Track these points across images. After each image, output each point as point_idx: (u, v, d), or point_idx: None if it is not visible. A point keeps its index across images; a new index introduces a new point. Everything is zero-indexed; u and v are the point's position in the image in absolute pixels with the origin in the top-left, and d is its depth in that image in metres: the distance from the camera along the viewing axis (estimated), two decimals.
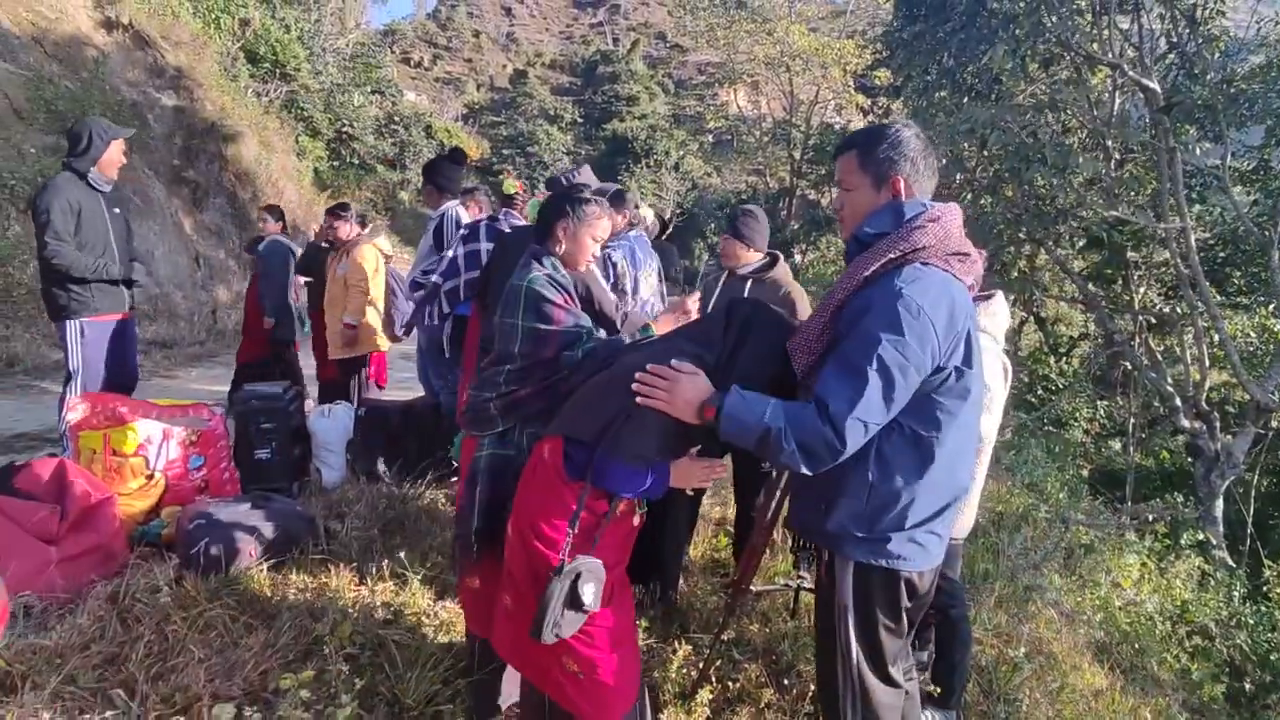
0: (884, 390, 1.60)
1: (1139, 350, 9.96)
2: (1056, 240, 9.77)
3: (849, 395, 1.60)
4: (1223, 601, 5.73)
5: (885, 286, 1.65)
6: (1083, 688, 3.46)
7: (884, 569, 1.76)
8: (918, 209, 1.74)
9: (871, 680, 1.83)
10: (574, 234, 2.25)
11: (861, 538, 1.75)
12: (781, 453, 1.64)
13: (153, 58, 10.71)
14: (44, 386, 5.98)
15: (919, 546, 1.76)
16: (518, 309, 2.09)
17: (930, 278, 1.66)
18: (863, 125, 20.53)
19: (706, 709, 2.46)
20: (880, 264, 1.68)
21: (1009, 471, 6.84)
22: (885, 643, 1.82)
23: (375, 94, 23.55)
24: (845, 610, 1.81)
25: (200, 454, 3.34)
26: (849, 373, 1.63)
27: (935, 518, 1.77)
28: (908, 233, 1.69)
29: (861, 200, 1.81)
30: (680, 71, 44.96)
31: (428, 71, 44.69)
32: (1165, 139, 7.81)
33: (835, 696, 1.87)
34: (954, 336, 1.67)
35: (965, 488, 1.83)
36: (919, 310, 1.60)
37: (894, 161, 1.76)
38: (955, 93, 10.03)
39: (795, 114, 23.69)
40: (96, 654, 2.31)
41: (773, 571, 3.48)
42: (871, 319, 1.63)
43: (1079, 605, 4.73)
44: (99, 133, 3.73)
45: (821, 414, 1.62)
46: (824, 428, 1.61)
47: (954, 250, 1.72)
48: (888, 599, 1.79)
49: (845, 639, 1.82)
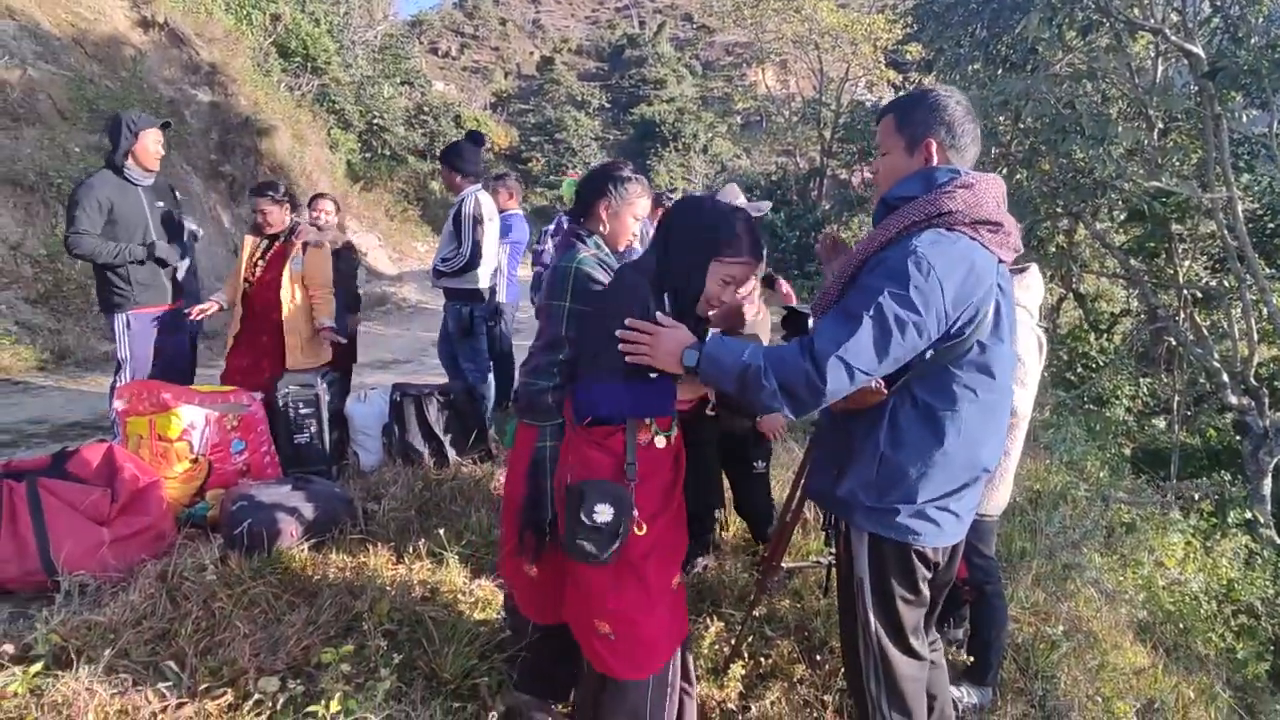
0: (876, 338, 1.56)
1: (1184, 325, 9.67)
2: (1095, 213, 9.52)
3: (837, 336, 1.57)
4: (1269, 580, 5.58)
5: (901, 245, 1.63)
6: (1123, 666, 3.40)
7: (895, 542, 1.74)
8: (949, 175, 1.70)
9: (892, 652, 1.83)
10: (616, 212, 2.22)
11: (870, 507, 1.74)
12: (761, 391, 1.61)
13: (188, 55, 10.92)
14: (94, 378, 6.18)
15: (930, 523, 1.73)
16: (565, 291, 2.03)
17: (950, 242, 1.62)
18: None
19: (739, 684, 2.48)
20: (903, 226, 1.65)
21: (1047, 450, 6.71)
22: (904, 614, 1.81)
23: (404, 85, 23.74)
24: (861, 583, 1.81)
25: (241, 438, 3.44)
26: (844, 317, 1.60)
27: (950, 495, 1.73)
28: (935, 198, 1.66)
29: (895, 163, 1.79)
30: (708, 53, 44.52)
31: (455, 61, 44.88)
32: (1210, 106, 7.54)
33: (858, 668, 1.88)
34: (969, 306, 1.62)
35: (986, 469, 1.78)
36: (929, 270, 1.57)
37: (929, 125, 1.74)
38: (989, 65, 9.78)
39: (825, 92, 23.31)
40: (148, 629, 2.41)
41: (805, 549, 3.48)
42: (879, 273, 1.62)
43: (1120, 584, 4.64)
44: (129, 124, 3.76)
45: (805, 351, 1.59)
46: (805, 363, 1.58)
47: (983, 219, 1.66)
48: (902, 571, 1.78)
49: (863, 611, 1.82)
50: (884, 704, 1.84)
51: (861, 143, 15.95)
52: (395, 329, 9.82)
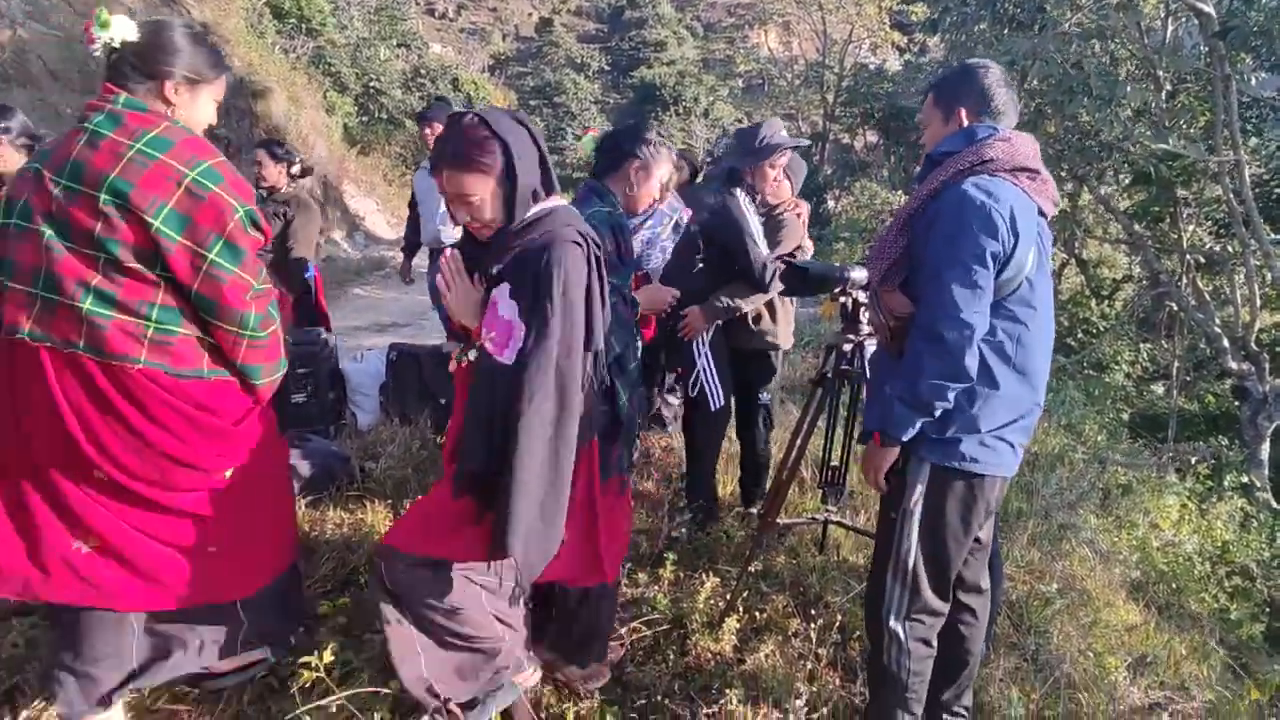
0: (963, 280, 1.70)
1: (1186, 291, 9.62)
2: (1100, 176, 9.41)
3: (933, 301, 1.73)
4: (1265, 542, 5.63)
5: (951, 193, 1.78)
6: (1116, 623, 3.44)
7: (958, 471, 1.82)
8: (989, 131, 1.86)
9: (925, 586, 1.89)
10: (645, 177, 2.18)
11: (934, 439, 1.81)
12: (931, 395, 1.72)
13: (179, 14, 10.70)
14: None
15: (990, 450, 1.82)
16: None
17: (995, 183, 1.76)
18: (898, 64, 19.82)
19: (733, 637, 2.50)
20: (949, 174, 1.80)
21: (1046, 413, 6.72)
22: (950, 549, 1.88)
23: (401, 47, 23.31)
24: (909, 514, 1.87)
25: None
26: (930, 279, 1.76)
27: (1008, 425, 1.83)
28: (977, 148, 1.82)
29: (935, 132, 2.00)
30: (709, 14, 43.71)
31: (452, 22, 44.08)
32: (1220, 67, 7.41)
33: (880, 601, 1.93)
34: (1019, 236, 1.73)
35: (1039, 401, 1.89)
36: (983, 203, 1.72)
37: (960, 96, 1.91)
38: (995, 24, 9.55)
39: (828, 55, 22.93)
40: None
41: (801, 507, 3.49)
42: (941, 223, 1.76)
43: (1115, 545, 4.68)
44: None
45: (920, 333, 1.75)
46: (926, 344, 1.72)
47: (1022, 165, 1.81)
48: (960, 504, 1.85)
49: (906, 542, 1.88)
50: (901, 633, 1.91)
51: (865, 105, 15.69)
52: (393, 292, 9.77)
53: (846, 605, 2.76)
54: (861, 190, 20.12)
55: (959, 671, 2.05)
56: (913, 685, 1.94)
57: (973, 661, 2.07)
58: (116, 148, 1.64)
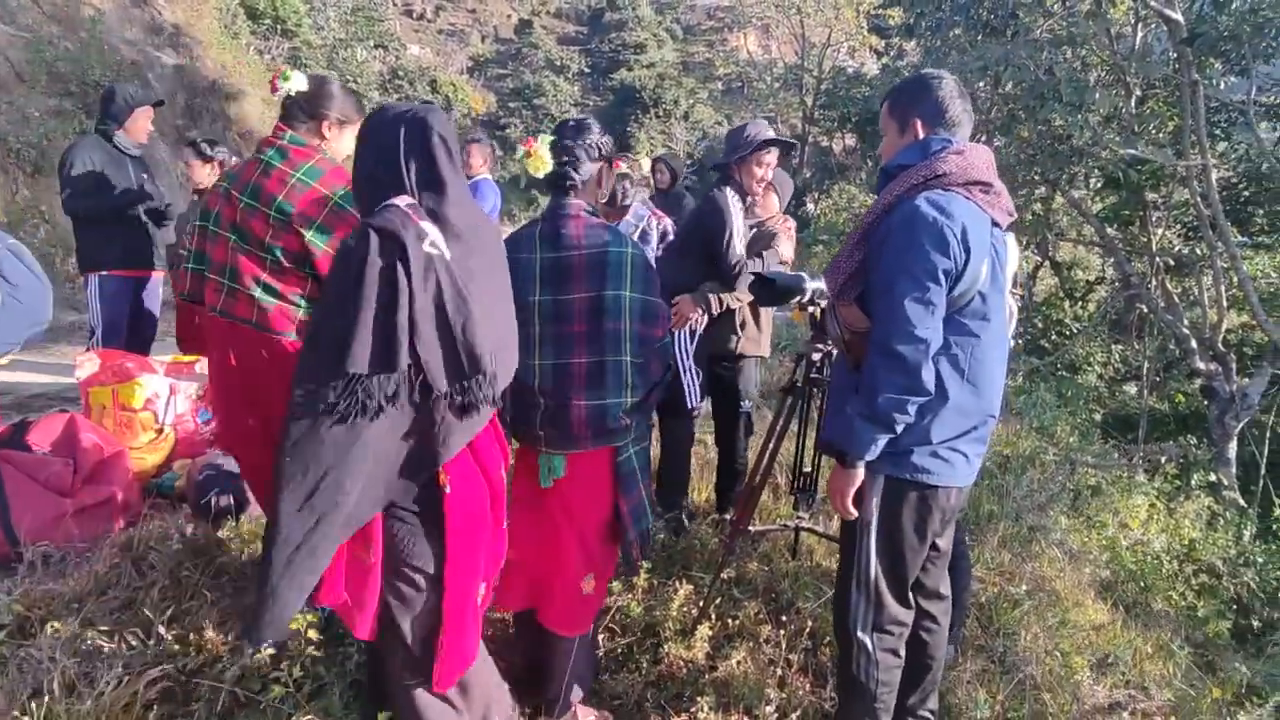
0: (917, 297, 1.71)
1: (1156, 292, 9.79)
2: (1072, 181, 9.55)
3: (887, 317, 1.75)
4: (1231, 540, 5.73)
5: (904, 208, 1.79)
6: (1083, 623, 3.50)
7: (911, 482, 1.85)
8: (942, 144, 1.87)
9: (887, 596, 1.92)
10: (609, 181, 2.15)
11: (888, 452, 1.83)
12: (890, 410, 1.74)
13: (150, 15, 10.59)
14: (59, 348, 6.06)
15: (944, 462, 1.85)
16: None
17: (948, 198, 1.78)
18: (876, 67, 19.98)
19: (706, 644, 2.52)
20: (903, 189, 1.81)
21: (1018, 416, 6.81)
22: (907, 558, 1.91)
23: (378, 49, 23.20)
24: (868, 526, 1.90)
25: (208, 407, 3.40)
26: (881, 293, 1.78)
27: (961, 437, 1.86)
28: (930, 162, 1.83)
29: (891, 143, 2.00)
30: (688, 16, 43.75)
31: (430, 24, 43.82)
32: (1188, 73, 7.54)
33: (847, 610, 1.96)
34: (971, 251, 1.75)
35: (993, 413, 1.92)
36: (934, 219, 1.73)
37: (912, 106, 1.93)
38: (970, 29, 9.69)
39: (807, 58, 23.07)
40: (112, 599, 2.40)
41: (774, 513, 3.52)
42: (893, 238, 1.77)
43: (1085, 545, 4.75)
44: (125, 97, 3.89)
45: (875, 350, 1.76)
46: (882, 359, 1.74)
47: (975, 179, 1.83)
48: (915, 514, 1.88)
49: (866, 555, 1.91)
50: (869, 644, 1.94)
51: (843, 109, 15.82)
52: None
53: (818, 611, 2.78)
54: (840, 193, 20.29)
55: (923, 676, 2.09)
56: (880, 695, 1.97)
57: (935, 666, 2.10)
58: (284, 176, 2.14)
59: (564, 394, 1.98)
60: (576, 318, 1.96)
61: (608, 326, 1.95)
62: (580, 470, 2.04)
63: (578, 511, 2.07)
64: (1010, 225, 1.98)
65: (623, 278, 1.95)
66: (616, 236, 2.00)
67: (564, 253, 1.97)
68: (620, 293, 1.94)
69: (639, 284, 1.97)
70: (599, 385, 1.97)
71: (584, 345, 1.97)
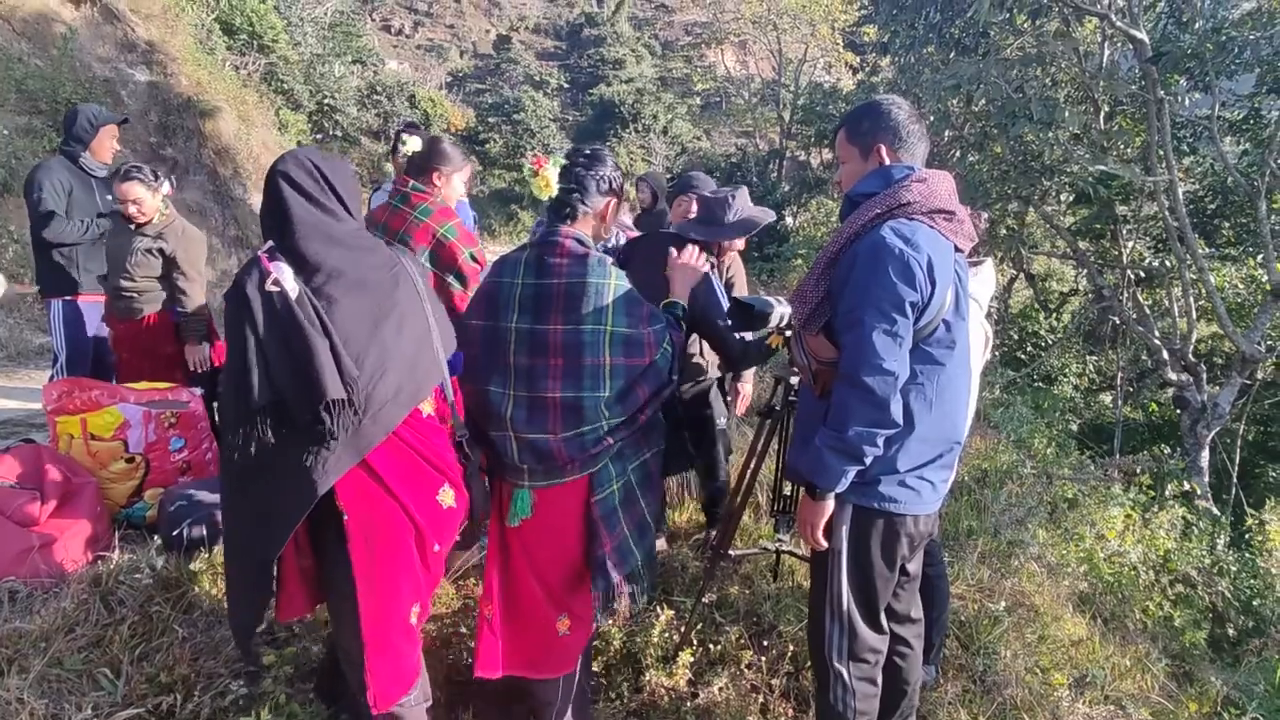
0: (886, 330, 1.71)
1: (1127, 304, 9.96)
2: (1044, 196, 9.70)
3: (856, 351, 1.73)
4: (1205, 550, 5.81)
5: (869, 239, 1.78)
6: (1062, 638, 3.52)
7: (878, 512, 1.85)
8: (905, 171, 1.87)
9: (860, 625, 1.92)
10: (616, 213, 2.10)
11: (855, 481, 1.83)
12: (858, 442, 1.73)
13: (123, 32, 10.46)
14: (26, 373, 5.95)
15: (911, 490, 1.85)
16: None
17: (913, 228, 1.77)
18: (852, 83, 20.25)
19: (687, 671, 2.50)
20: (868, 219, 1.81)
21: (995, 429, 6.88)
22: (878, 586, 1.91)
23: (356, 64, 23.06)
24: (838, 554, 1.89)
25: (181, 436, 3.34)
26: (848, 325, 1.76)
27: (927, 465, 1.86)
28: (894, 191, 1.82)
29: (853, 169, 1.98)
30: (667, 33, 44.12)
31: (409, 39, 43.80)
32: (1154, 90, 7.72)
33: (822, 638, 1.96)
34: (937, 282, 1.75)
35: (958, 439, 1.92)
36: (900, 251, 1.73)
37: (875, 132, 1.92)
38: (942, 48, 9.84)
39: (784, 74, 23.34)
40: (81, 636, 2.34)
41: (755, 535, 3.52)
42: (859, 271, 1.76)
43: (1063, 558, 4.79)
44: (89, 118, 3.83)
45: (845, 383, 1.75)
46: (854, 394, 1.73)
47: (938, 207, 1.83)
48: (882, 543, 1.88)
49: (836, 583, 1.91)
50: (845, 674, 1.93)
51: (820, 124, 15.99)
52: None
53: (800, 634, 2.78)
54: (818, 207, 20.46)
55: (899, 701, 2.09)
56: None
57: (911, 691, 2.10)
58: (405, 215, 2.80)
59: (539, 426, 1.92)
60: (552, 350, 1.91)
61: (585, 362, 1.90)
62: (546, 510, 1.98)
63: (537, 553, 2.01)
64: (985, 239, 2.00)
65: (602, 311, 1.90)
66: (599, 268, 1.93)
67: (545, 280, 1.93)
68: (599, 327, 1.90)
69: (620, 317, 1.91)
70: (575, 422, 1.92)
71: (559, 380, 1.91)
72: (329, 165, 1.80)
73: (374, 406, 1.66)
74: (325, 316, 1.63)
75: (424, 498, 1.77)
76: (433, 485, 1.80)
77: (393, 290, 1.76)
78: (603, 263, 1.95)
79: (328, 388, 1.58)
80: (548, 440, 1.92)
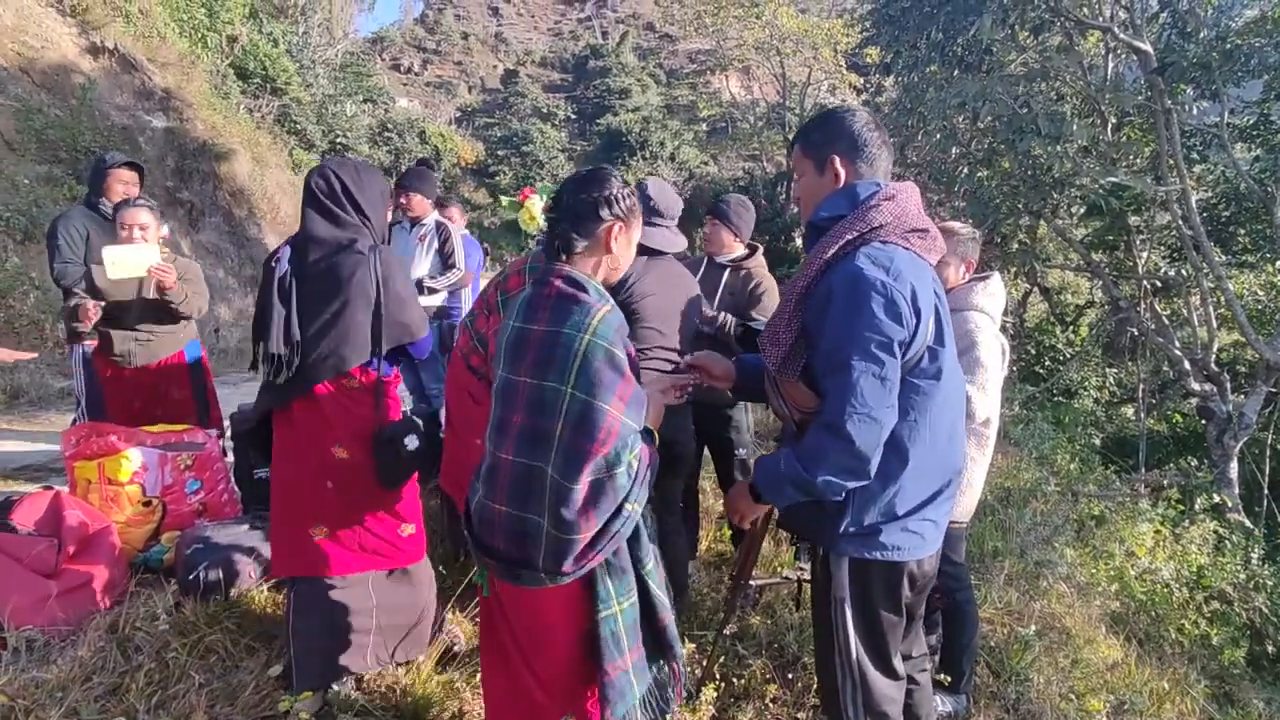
0: (875, 373, 1.56)
1: (1145, 315, 9.85)
2: (1055, 210, 9.66)
3: (841, 396, 1.57)
4: (1240, 564, 5.66)
5: (845, 269, 1.62)
6: (1097, 661, 3.43)
7: (880, 561, 1.73)
8: (871, 189, 1.72)
9: (872, 673, 1.81)
10: (628, 240, 1.77)
11: (853, 533, 1.71)
12: (824, 488, 1.63)
13: (140, 80, 10.72)
14: (48, 417, 6.00)
15: (914, 535, 1.73)
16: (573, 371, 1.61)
17: (890, 254, 1.63)
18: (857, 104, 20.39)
19: (711, 707, 2.44)
20: (839, 246, 1.65)
21: (1017, 446, 6.78)
22: (887, 634, 1.80)
23: (367, 103, 23.54)
24: (842, 603, 1.78)
25: (197, 477, 3.34)
26: (834, 371, 1.60)
27: (928, 504, 1.73)
28: (864, 213, 1.67)
29: (810, 185, 1.82)
30: (671, 61, 44.72)
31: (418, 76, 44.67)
32: (1161, 100, 7.70)
33: (835, 689, 1.84)
34: (920, 314, 1.63)
35: (958, 469, 1.80)
36: (883, 284, 1.58)
37: (829, 143, 1.76)
38: (945, 66, 9.89)
39: (788, 97, 23.55)
40: (98, 685, 2.32)
41: (776, 564, 3.46)
42: (837, 306, 1.60)
43: (1092, 577, 4.68)
44: (101, 161, 3.96)
45: (826, 429, 1.59)
46: (832, 441, 1.58)
47: (912, 227, 1.69)
48: (886, 590, 1.77)
49: (843, 633, 1.79)
50: None
51: None
52: None
53: None
54: None
55: None
56: None
57: None
58: None
59: (490, 494, 1.69)
60: (518, 405, 1.66)
61: (541, 424, 1.61)
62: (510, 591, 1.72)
63: (525, 640, 1.74)
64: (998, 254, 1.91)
65: (567, 370, 1.59)
66: (581, 318, 1.61)
67: (526, 326, 1.69)
68: (560, 387, 1.59)
69: (583, 381, 1.58)
70: (522, 495, 1.64)
71: (515, 441, 1.65)
72: (349, 174, 2.26)
73: (307, 363, 2.19)
74: (292, 293, 2.18)
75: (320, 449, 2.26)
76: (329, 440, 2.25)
77: (346, 284, 2.18)
78: (587, 310, 1.62)
79: (273, 341, 2.16)
80: (494, 510, 1.68)
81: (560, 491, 1.58)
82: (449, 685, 2.47)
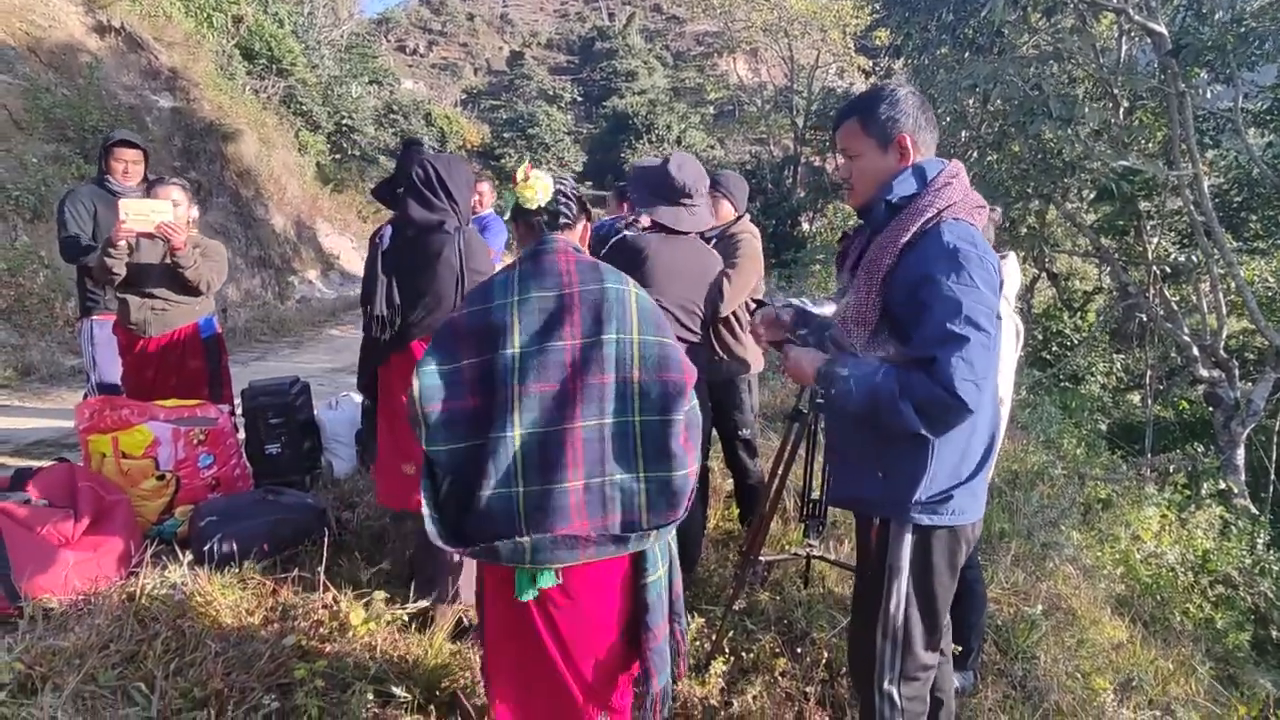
0: (983, 342, 1.58)
1: (1154, 301, 9.80)
2: (1065, 194, 9.60)
3: (956, 363, 1.56)
4: (1245, 550, 5.68)
5: (937, 247, 1.64)
6: (1102, 641, 3.44)
7: (943, 527, 1.75)
8: (938, 167, 1.75)
9: (918, 644, 1.81)
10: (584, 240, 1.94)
11: (925, 501, 1.72)
12: (897, 415, 1.61)
13: (147, 60, 10.69)
14: (59, 394, 6.04)
15: (976, 497, 1.78)
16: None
17: (969, 229, 1.68)
18: (865, 87, 20.22)
19: (720, 680, 2.46)
20: (920, 225, 1.67)
21: (1024, 430, 6.78)
22: (940, 604, 1.81)
23: (373, 84, 23.40)
24: (897, 572, 1.77)
25: (210, 452, 3.36)
26: (940, 342, 1.58)
27: (982, 465, 1.78)
28: (938, 190, 1.70)
29: (871, 165, 1.79)
30: (678, 43, 44.40)
31: (424, 58, 44.43)
32: (1174, 83, 7.62)
33: (872, 661, 1.84)
34: (1002, 284, 1.71)
35: (999, 428, 1.86)
36: (979, 258, 1.62)
37: (896, 120, 1.75)
38: (956, 48, 9.80)
39: (796, 80, 23.36)
40: (115, 653, 2.34)
41: (784, 541, 3.48)
42: (943, 282, 1.60)
43: (1098, 560, 4.70)
44: (103, 140, 4.02)
45: (934, 379, 1.58)
46: (939, 390, 1.57)
47: (976, 204, 1.74)
48: (947, 556, 1.78)
49: (895, 603, 1.79)
50: (896, 695, 1.82)
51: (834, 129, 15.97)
52: None
53: (833, 640, 2.73)
54: (834, 212, 20.41)
55: (938, 710, 2.02)
56: None
57: (947, 698, 2.04)
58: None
59: (551, 474, 1.57)
60: (570, 370, 1.59)
61: (618, 377, 1.60)
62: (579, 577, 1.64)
63: (573, 639, 1.67)
64: (1007, 238, 1.95)
65: (626, 319, 1.62)
66: (614, 273, 1.69)
67: (550, 292, 1.64)
68: (626, 336, 1.61)
69: (649, 326, 1.65)
70: (603, 457, 1.59)
71: (578, 405, 1.58)
72: (443, 165, 2.58)
73: (405, 325, 2.56)
74: (392, 265, 2.58)
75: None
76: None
77: (434, 260, 2.53)
78: (615, 268, 1.73)
79: (378, 305, 2.56)
80: (569, 491, 1.57)
81: (660, 433, 1.61)
82: (461, 655, 2.49)
